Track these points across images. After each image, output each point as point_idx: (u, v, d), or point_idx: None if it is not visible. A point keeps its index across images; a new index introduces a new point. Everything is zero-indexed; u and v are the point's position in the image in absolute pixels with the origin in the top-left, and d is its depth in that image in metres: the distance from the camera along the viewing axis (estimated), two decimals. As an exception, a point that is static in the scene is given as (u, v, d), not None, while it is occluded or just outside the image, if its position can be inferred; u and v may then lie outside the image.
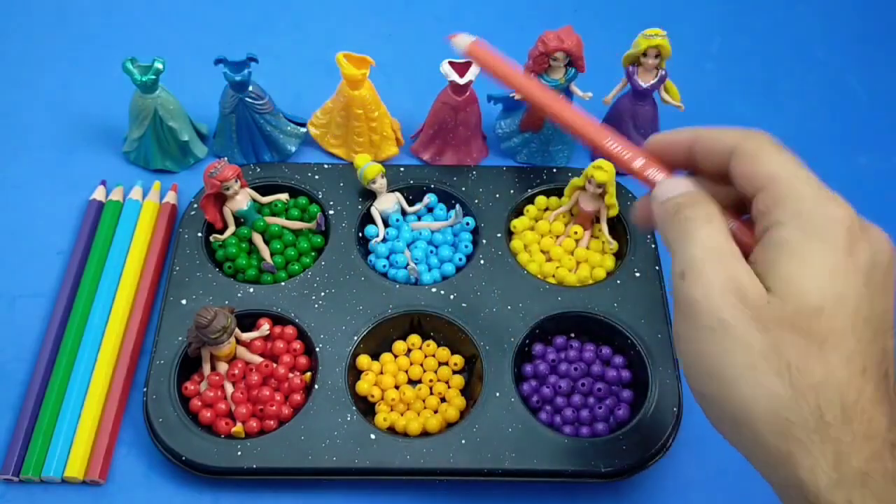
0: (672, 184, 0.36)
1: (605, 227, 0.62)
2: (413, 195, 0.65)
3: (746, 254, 0.33)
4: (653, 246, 0.62)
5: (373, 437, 0.52)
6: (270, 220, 0.62)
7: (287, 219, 0.63)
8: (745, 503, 0.54)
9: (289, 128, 0.67)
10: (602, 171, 0.59)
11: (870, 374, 0.30)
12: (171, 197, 0.65)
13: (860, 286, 0.30)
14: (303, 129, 0.68)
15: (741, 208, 0.36)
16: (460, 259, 0.62)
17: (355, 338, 0.57)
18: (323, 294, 0.59)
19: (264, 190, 0.64)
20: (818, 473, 0.29)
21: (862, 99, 0.76)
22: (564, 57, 0.61)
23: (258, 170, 0.65)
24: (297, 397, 0.55)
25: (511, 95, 0.65)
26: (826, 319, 0.30)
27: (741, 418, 0.31)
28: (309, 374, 0.56)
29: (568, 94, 0.65)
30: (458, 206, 0.63)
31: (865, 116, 0.75)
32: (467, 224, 0.63)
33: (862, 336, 0.30)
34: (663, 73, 0.64)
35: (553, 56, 0.61)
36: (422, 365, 0.57)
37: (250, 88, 0.63)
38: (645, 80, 0.64)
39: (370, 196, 0.63)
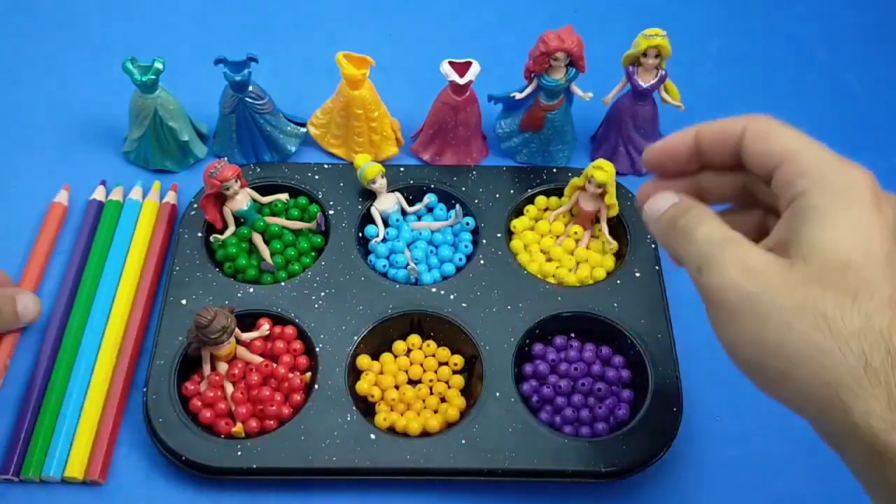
0: (658, 200, 0.38)
1: (605, 227, 0.62)
2: (413, 195, 0.65)
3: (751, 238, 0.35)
4: (653, 246, 0.62)
5: (373, 437, 0.52)
6: (270, 220, 0.62)
7: (287, 219, 0.63)
8: (745, 503, 0.54)
9: (289, 128, 0.67)
10: (602, 171, 0.59)
11: None
12: (171, 197, 0.65)
13: (889, 239, 0.32)
14: (303, 129, 0.68)
15: (747, 196, 0.38)
16: (460, 259, 0.62)
17: (355, 338, 0.57)
18: (323, 294, 0.59)
19: (264, 190, 0.64)
20: (872, 417, 0.30)
21: (862, 99, 0.76)
22: (565, 57, 0.61)
23: (258, 170, 0.65)
24: (297, 397, 0.54)
25: (511, 95, 0.65)
26: (855, 272, 0.31)
27: (789, 376, 0.32)
28: (309, 374, 0.56)
29: (568, 94, 0.65)
30: (458, 206, 0.63)
31: (865, 116, 0.75)
32: (467, 224, 0.63)
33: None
34: (663, 73, 0.64)
35: (554, 56, 0.61)
36: (422, 365, 0.57)
37: (250, 88, 0.63)
38: (645, 80, 0.64)
39: (370, 196, 0.63)
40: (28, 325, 0.58)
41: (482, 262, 0.61)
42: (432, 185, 0.65)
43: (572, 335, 0.59)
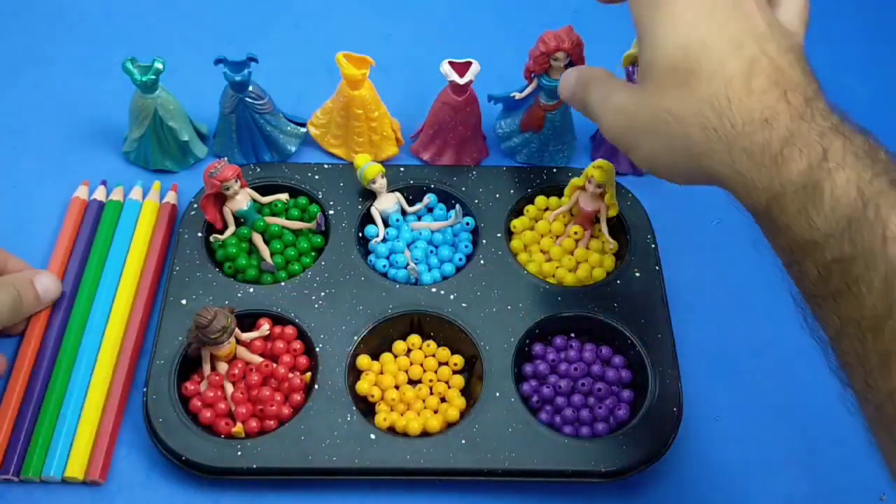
0: (565, 78, 0.49)
1: (604, 227, 0.62)
2: (413, 195, 0.65)
3: None
4: (653, 246, 0.62)
5: (373, 437, 0.53)
6: (270, 220, 0.62)
7: (287, 219, 0.63)
8: (745, 503, 0.54)
9: (289, 128, 0.67)
10: (602, 170, 0.59)
11: (739, 81, 0.37)
12: (171, 197, 0.65)
13: (705, 25, 0.38)
14: (303, 129, 0.68)
15: None
16: (460, 259, 0.62)
17: (355, 338, 0.57)
18: (323, 294, 0.59)
19: (264, 190, 0.64)
20: (719, 165, 0.38)
21: (862, 99, 0.76)
22: (565, 57, 0.61)
23: (258, 170, 0.65)
24: (297, 397, 0.55)
25: (511, 95, 0.65)
26: (683, 70, 0.38)
27: (676, 170, 0.41)
28: (309, 374, 0.56)
29: (568, 94, 0.65)
30: (458, 206, 0.63)
31: (865, 116, 0.75)
32: (467, 224, 0.63)
33: (721, 63, 0.38)
34: (663, 73, 0.63)
35: (553, 56, 0.61)
36: (422, 365, 0.57)
37: (250, 88, 0.63)
38: (645, 80, 0.64)
39: (370, 196, 0.63)
40: (51, 304, 0.58)
41: (482, 262, 0.61)
42: (432, 185, 0.65)
43: (572, 335, 0.59)
